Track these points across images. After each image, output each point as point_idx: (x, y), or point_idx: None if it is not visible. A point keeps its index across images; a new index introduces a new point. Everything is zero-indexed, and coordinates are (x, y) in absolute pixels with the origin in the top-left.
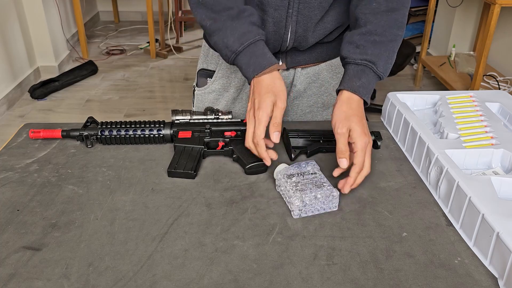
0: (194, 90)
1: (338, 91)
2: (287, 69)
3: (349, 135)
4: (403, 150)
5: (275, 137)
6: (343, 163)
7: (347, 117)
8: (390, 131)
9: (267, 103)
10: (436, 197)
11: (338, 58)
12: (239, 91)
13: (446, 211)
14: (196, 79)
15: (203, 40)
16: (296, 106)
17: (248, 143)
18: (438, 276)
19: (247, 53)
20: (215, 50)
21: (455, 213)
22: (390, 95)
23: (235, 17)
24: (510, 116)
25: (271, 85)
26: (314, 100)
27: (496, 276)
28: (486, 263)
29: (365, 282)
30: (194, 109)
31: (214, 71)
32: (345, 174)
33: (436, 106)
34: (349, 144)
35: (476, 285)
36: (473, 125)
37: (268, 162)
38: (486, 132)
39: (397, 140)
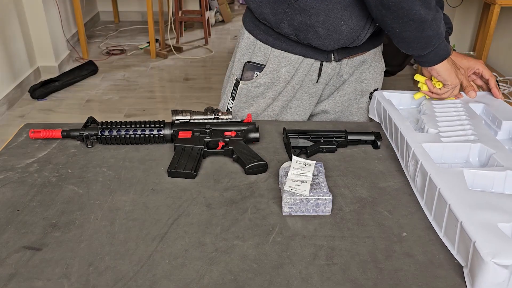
0: (236, 84)
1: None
2: (338, 60)
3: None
4: (392, 145)
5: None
6: (472, 94)
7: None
8: (383, 126)
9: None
10: (414, 190)
11: (381, 45)
12: (286, 83)
13: (422, 204)
14: (241, 72)
15: (245, 33)
16: (335, 92)
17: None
18: (438, 276)
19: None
20: (407, 42)
21: (429, 204)
22: (377, 93)
23: (437, 8)
24: (493, 116)
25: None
26: (354, 87)
27: (463, 264)
28: (454, 252)
29: (365, 282)
30: (233, 102)
31: (261, 64)
32: None
33: (420, 106)
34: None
35: None
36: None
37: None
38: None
39: (387, 136)
